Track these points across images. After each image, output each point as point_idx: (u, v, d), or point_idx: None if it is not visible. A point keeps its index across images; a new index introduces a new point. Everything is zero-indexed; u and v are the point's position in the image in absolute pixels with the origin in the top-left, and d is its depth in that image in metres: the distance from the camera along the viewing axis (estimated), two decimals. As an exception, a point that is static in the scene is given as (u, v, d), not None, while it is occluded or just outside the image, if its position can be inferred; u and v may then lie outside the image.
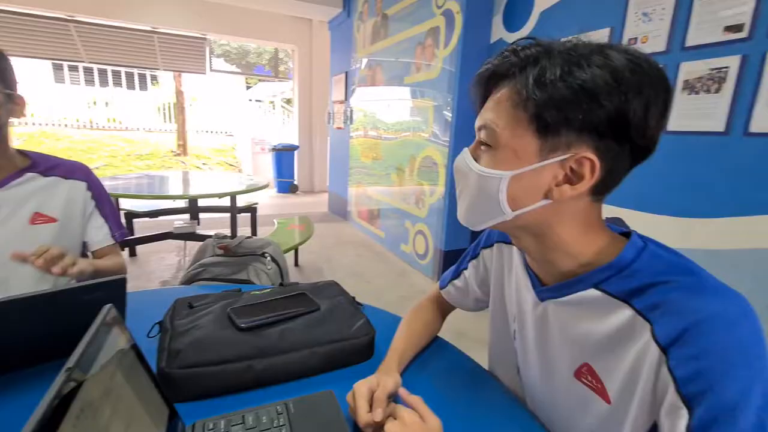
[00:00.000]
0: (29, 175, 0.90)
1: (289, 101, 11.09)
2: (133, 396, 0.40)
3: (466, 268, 0.72)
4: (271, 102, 13.25)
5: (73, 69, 12.54)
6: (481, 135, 0.47)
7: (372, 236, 4.09)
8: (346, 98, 4.57)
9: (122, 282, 0.65)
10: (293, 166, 6.82)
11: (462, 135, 2.67)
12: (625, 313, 0.43)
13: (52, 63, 11.09)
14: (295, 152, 6.75)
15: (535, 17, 2.25)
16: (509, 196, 0.45)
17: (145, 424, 0.40)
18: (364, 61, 4.06)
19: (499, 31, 2.55)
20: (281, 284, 0.83)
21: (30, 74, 10.44)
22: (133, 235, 3.02)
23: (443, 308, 0.79)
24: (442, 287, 0.77)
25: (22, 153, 0.93)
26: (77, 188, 0.96)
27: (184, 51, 6.39)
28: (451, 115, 2.68)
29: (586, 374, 0.48)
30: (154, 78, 14.09)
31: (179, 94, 10.61)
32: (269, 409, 0.50)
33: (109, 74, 13.51)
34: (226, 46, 14.02)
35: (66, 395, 0.29)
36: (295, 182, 6.85)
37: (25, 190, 0.88)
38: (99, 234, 0.98)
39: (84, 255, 1.00)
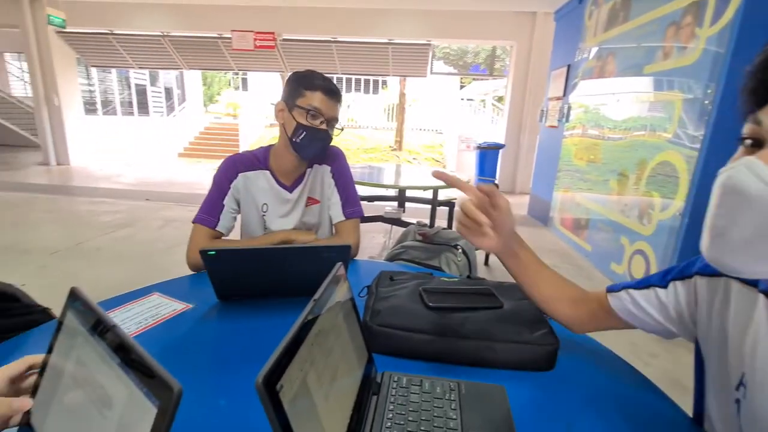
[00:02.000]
0: (308, 170, 1.19)
1: (500, 99, 10.95)
2: (348, 335, 0.52)
3: (662, 286, 0.57)
4: (482, 100, 13.36)
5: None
6: None
7: (575, 248, 3.67)
8: (565, 94, 4.19)
9: (347, 249, 0.83)
10: (496, 165, 6.75)
11: (724, 137, 2.06)
12: None
13: (319, 76, 14.36)
14: (500, 151, 6.65)
15: None
16: None
17: (352, 358, 0.51)
18: (593, 50, 3.61)
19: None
20: (469, 277, 0.88)
21: (305, 85, 13.76)
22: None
23: (597, 317, 0.65)
24: (611, 290, 0.63)
25: None
26: (325, 171, 1.22)
27: (410, 57, 7.16)
28: (711, 109, 2.10)
29: None
30: (384, 83, 16.41)
31: (402, 96, 12.01)
32: (443, 382, 0.56)
33: (353, 82, 16.51)
34: (446, 49, 14.92)
35: (309, 321, 0.41)
36: (496, 181, 6.77)
37: (302, 186, 1.18)
38: (336, 210, 1.22)
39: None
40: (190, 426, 0.48)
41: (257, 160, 1.16)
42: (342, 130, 1.17)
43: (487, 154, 6.64)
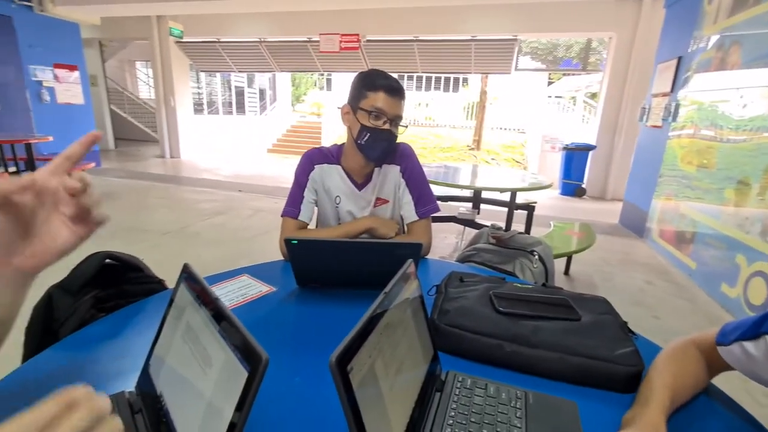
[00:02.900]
0: (376, 170, 1.22)
1: (593, 96, 10.06)
2: (415, 331, 0.53)
3: None
4: (572, 98, 12.40)
5: (410, 78, 15.98)
6: None
7: (676, 264, 3.25)
8: (673, 89, 3.72)
9: (419, 247, 0.84)
10: (584, 168, 6.23)
11: None
12: None
13: (398, 74, 14.48)
14: (590, 153, 6.12)
15: None
16: None
17: (418, 353, 0.53)
18: (712, 39, 3.15)
19: None
20: (544, 285, 0.84)
21: (385, 85, 14.04)
22: (428, 213, 3.66)
23: (714, 365, 0.58)
24: (722, 343, 0.56)
25: None
26: (395, 171, 1.23)
27: (494, 54, 6.91)
28: None
29: None
30: (465, 81, 16.04)
31: (483, 94, 11.64)
32: (510, 389, 0.54)
33: (432, 80, 16.40)
34: (534, 44, 14.09)
35: (379, 312, 0.44)
36: (584, 185, 6.25)
37: (371, 185, 1.22)
38: (408, 210, 1.23)
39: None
40: (267, 399, 0.54)
41: (331, 155, 1.22)
42: (406, 127, 1.17)
43: (575, 156, 6.16)
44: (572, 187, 6.25)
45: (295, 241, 0.83)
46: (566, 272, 2.98)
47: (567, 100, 12.44)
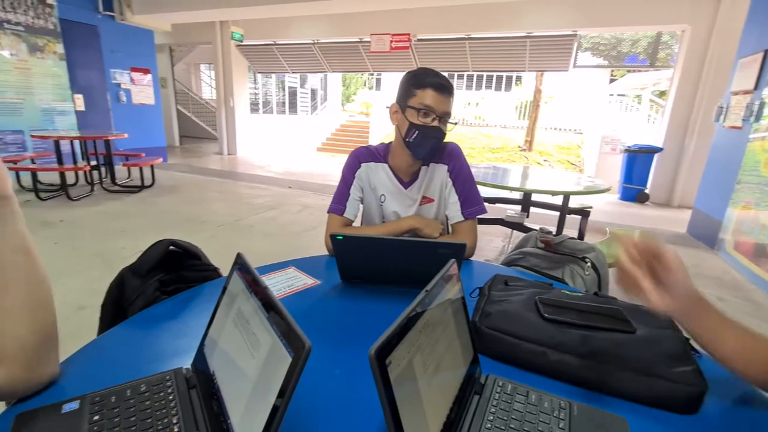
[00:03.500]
0: (423, 169, 1.23)
1: (661, 94, 9.31)
2: (455, 331, 0.53)
3: None
4: (637, 96, 11.56)
5: (460, 77, 15.71)
6: None
7: (754, 280, 2.93)
8: (757, 86, 3.35)
9: (462, 247, 0.83)
10: (648, 172, 5.79)
11: None
12: None
13: (448, 73, 14.30)
14: (656, 155, 5.67)
15: None
16: None
17: (458, 354, 0.52)
18: (806, 30, 2.79)
19: None
20: (596, 293, 0.79)
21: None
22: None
23: None
24: None
25: None
26: (442, 170, 1.22)
27: (551, 50, 6.61)
28: None
29: None
30: (518, 79, 15.49)
31: (537, 92, 11.18)
32: (553, 399, 0.52)
33: (484, 79, 16.00)
34: (596, 39, 13.29)
35: (419, 309, 0.44)
36: (647, 191, 5.81)
37: (417, 184, 1.22)
38: (453, 210, 1.22)
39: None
40: (308, 388, 0.56)
41: (378, 153, 1.24)
42: (455, 124, 1.16)
43: (638, 159, 5.74)
44: (633, 192, 5.83)
45: (341, 237, 0.85)
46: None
47: (631, 98, 11.60)
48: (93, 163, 4.95)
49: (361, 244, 0.89)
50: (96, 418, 0.47)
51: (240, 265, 0.53)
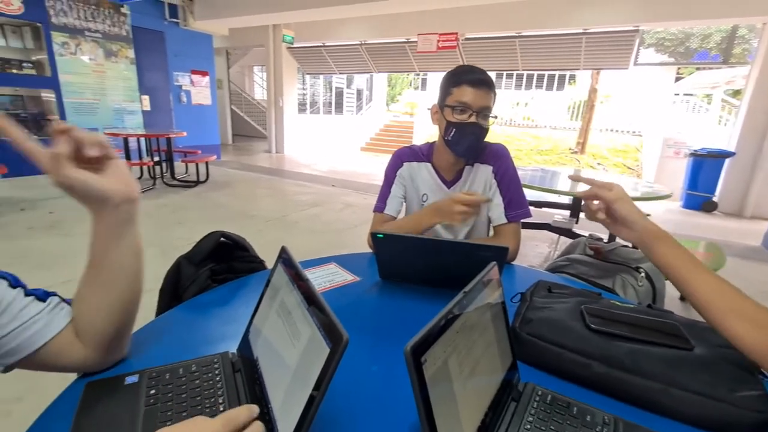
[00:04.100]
0: (467, 168, 1.21)
1: (736, 93, 8.49)
2: (494, 335, 0.52)
3: None
4: (707, 96, 10.63)
5: (509, 76, 15.26)
6: None
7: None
8: None
9: (504, 251, 0.81)
10: (717, 179, 5.30)
11: None
12: None
13: (496, 73, 13.89)
14: (727, 160, 5.18)
15: None
16: None
17: (495, 358, 0.51)
18: None
19: None
20: (650, 306, 0.74)
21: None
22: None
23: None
24: None
25: None
26: (486, 171, 1.20)
27: (609, 47, 6.24)
28: None
29: None
30: (572, 78, 14.78)
31: (593, 92, 10.60)
32: (596, 412, 0.50)
33: (534, 78, 15.43)
34: (660, 34, 12.36)
35: (457, 309, 0.43)
36: (714, 199, 5.32)
37: (460, 183, 1.21)
38: (497, 212, 1.18)
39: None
40: (345, 382, 0.57)
41: (421, 153, 1.24)
42: (496, 118, 1.13)
43: (705, 164, 5.28)
44: (699, 200, 5.36)
45: (381, 235, 0.86)
46: (683, 298, 2.58)
47: (699, 98, 10.68)
48: (156, 159, 5.36)
49: (401, 243, 0.89)
50: (152, 392, 0.52)
51: (284, 257, 0.55)
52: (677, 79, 11.91)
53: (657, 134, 7.98)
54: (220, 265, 0.95)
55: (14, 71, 5.21)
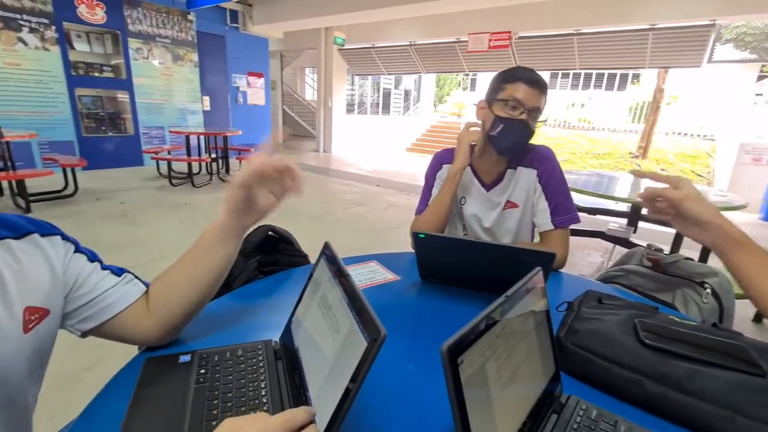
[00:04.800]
0: (509, 171, 1.17)
1: (831, 93, 7.50)
2: (536, 343, 0.50)
3: None
4: (795, 96, 9.52)
5: (565, 76, 14.55)
6: None
7: None
8: None
9: (551, 257, 0.78)
10: (804, 188, 4.72)
11: None
12: None
13: (550, 72, 13.26)
14: (816, 169, 4.59)
15: None
16: None
17: (537, 367, 0.50)
18: None
19: None
20: (715, 325, 0.68)
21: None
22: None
23: None
24: None
25: None
26: (530, 175, 1.15)
27: (680, 44, 5.76)
28: None
29: None
30: (635, 77, 13.82)
31: (659, 92, 9.83)
32: (647, 434, 0.47)
33: (593, 77, 14.59)
34: (741, 28, 11.21)
35: (497, 313, 0.42)
36: (800, 212, 4.74)
37: (500, 186, 1.18)
38: (542, 217, 1.13)
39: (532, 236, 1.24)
40: (382, 379, 0.58)
41: None
42: (545, 121, 1.09)
43: (789, 172, 4.71)
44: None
45: (422, 235, 0.86)
46: (757, 319, 2.33)
47: (786, 99, 9.55)
48: (213, 156, 5.71)
49: (442, 243, 0.89)
50: (202, 371, 0.55)
51: (327, 253, 0.57)
52: (759, 78, 10.73)
53: (733, 138, 7.24)
54: (266, 257, 1.00)
55: (96, 74, 5.78)
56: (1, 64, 4.81)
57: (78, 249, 0.57)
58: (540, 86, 1.04)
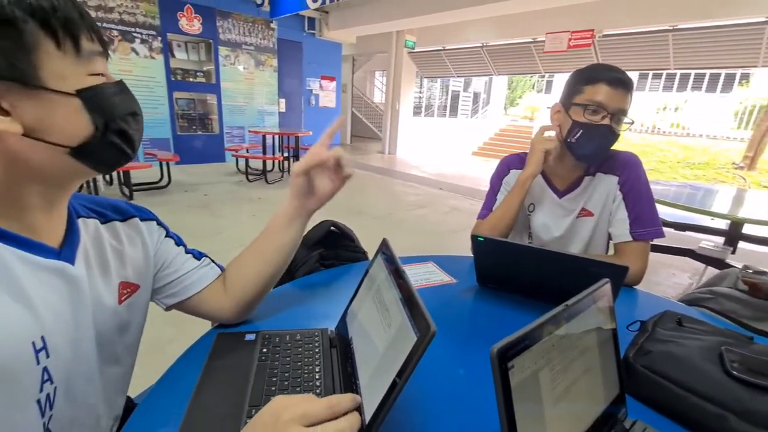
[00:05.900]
0: (586, 179, 1.09)
1: None
2: (598, 359, 0.47)
3: None
4: None
5: (656, 77, 13.20)
6: None
7: None
8: None
9: (624, 270, 0.72)
10: None
11: None
12: None
13: (639, 73, 12.12)
14: None
15: None
16: None
17: (597, 385, 0.46)
18: None
19: None
20: (829, 365, 0.58)
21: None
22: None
23: None
24: None
25: None
26: (610, 182, 1.07)
27: (804, 38, 4.93)
28: None
29: None
30: (744, 77, 12.13)
31: (773, 94, 8.51)
32: (727, 476, 0.41)
33: (691, 78, 13.06)
34: None
35: (555, 322, 0.40)
36: None
37: (575, 193, 1.11)
38: (620, 228, 1.04)
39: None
40: (431, 381, 0.58)
41: None
42: (632, 123, 1.00)
43: None
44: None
45: (481, 238, 0.84)
46: None
47: None
48: (285, 154, 6.08)
49: (501, 247, 0.86)
50: (264, 350, 0.60)
51: (384, 249, 0.58)
52: None
53: None
54: (328, 251, 1.05)
55: (191, 79, 6.46)
56: (117, 71, 5.58)
57: (168, 234, 0.66)
58: (625, 85, 0.96)
